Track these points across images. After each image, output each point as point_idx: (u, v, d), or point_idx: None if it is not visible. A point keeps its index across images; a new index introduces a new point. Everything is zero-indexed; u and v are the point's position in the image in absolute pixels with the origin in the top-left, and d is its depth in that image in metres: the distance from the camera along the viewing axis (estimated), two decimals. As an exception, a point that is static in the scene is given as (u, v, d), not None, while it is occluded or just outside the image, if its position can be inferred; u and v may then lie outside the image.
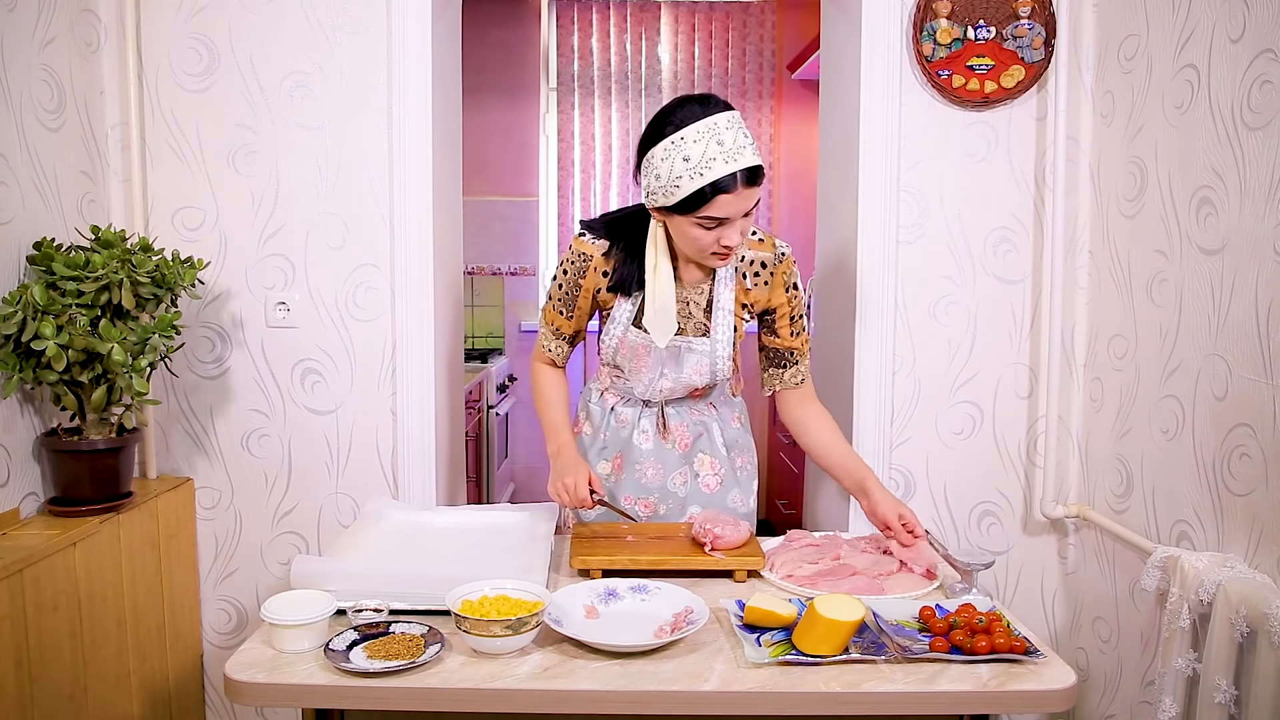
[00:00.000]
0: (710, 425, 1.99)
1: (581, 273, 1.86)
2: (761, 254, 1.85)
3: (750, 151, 1.64)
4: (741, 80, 4.63)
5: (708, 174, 1.61)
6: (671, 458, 1.96)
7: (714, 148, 1.61)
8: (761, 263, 1.84)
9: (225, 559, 2.44)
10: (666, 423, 1.97)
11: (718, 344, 1.85)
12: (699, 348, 1.86)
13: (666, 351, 1.86)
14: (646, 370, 1.90)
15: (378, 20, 2.30)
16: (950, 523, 2.43)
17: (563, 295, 1.89)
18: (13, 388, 1.90)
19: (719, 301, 1.83)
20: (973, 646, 1.36)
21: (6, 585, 1.69)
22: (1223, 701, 1.61)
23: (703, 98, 1.68)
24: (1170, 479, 1.96)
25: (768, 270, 1.85)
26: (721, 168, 1.61)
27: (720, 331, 1.84)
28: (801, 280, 1.90)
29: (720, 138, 1.62)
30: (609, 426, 2.00)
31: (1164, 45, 1.98)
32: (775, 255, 1.85)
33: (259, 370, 2.38)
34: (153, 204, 2.33)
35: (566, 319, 1.92)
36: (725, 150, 1.61)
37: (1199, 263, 1.86)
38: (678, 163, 1.63)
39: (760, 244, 1.85)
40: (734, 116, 1.66)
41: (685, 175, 1.62)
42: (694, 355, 1.87)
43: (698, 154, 1.61)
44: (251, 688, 1.31)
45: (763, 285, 1.85)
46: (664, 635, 1.40)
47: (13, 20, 1.95)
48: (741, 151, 1.63)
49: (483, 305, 4.70)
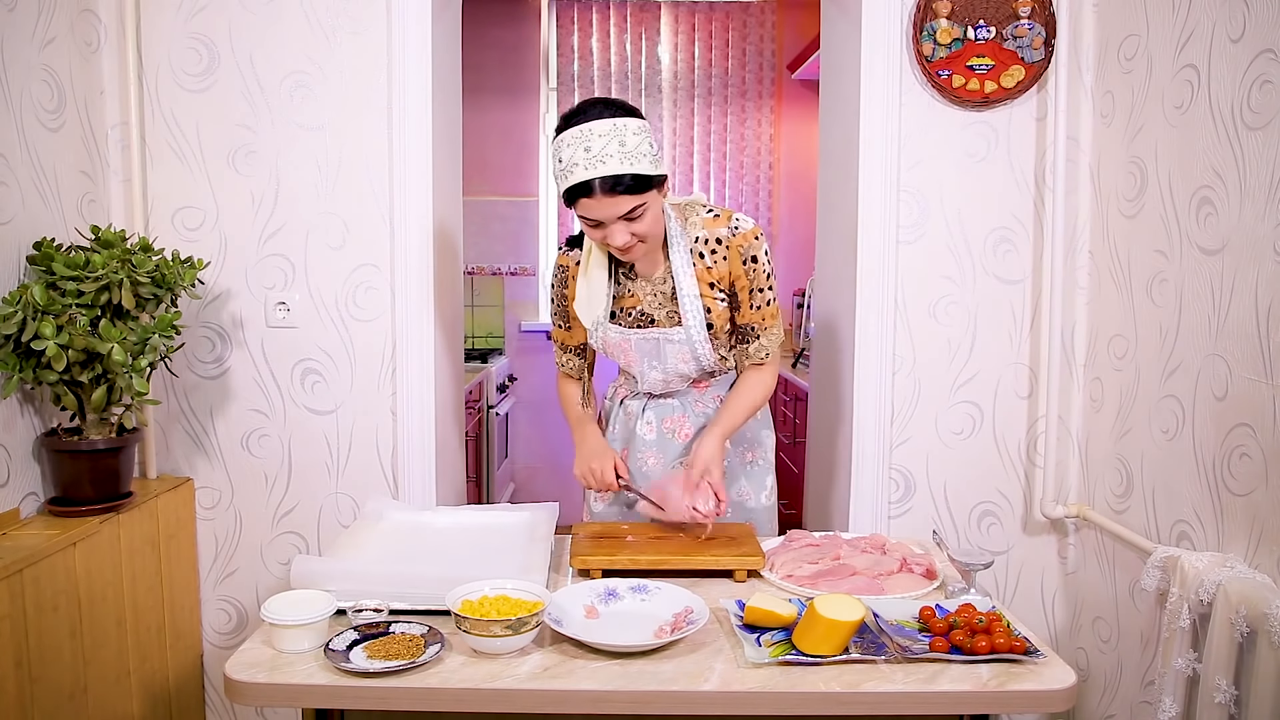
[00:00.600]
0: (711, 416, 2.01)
1: (564, 283, 1.98)
2: (716, 230, 1.87)
3: (618, 160, 1.67)
4: (741, 80, 4.63)
5: (569, 178, 1.70)
6: (673, 447, 2.00)
7: (580, 154, 1.68)
8: (717, 239, 1.86)
9: (225, 559, 2.44)
10: (669, 412, 2.01)
11: (691, 330, 1.88)
12: (676, 337, 1.90)
13: (646, 344, 1.92)
14: (635, 364, 1.96)
15: (378, 20, 2.30)
16: (950, 523, 2.43)
17: (556, 310, 2.02)
18: (13, 388, 1.90)
19: (681, 289, 1.86)
20: (973, 646, 1.36)
21: (6, 585, 1.69)
22: (1223, 701, 1.61)
23: (595, 102, 1.74)
24: (1170, 479, 1.96)
25: (724, 245, 1.86)
26: (580, 173, 1.68)
27: (690, 317, 1.87)
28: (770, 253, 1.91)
29: (589, 144, 1.68)
30: (618, 420, 2.07)
31: (1164, 45, 1.98)
32: (729, 229, 1.86)
33: (259, 370, 2.38)
34: (153, 204, 2.33)
35: (565, 330, 2.03)
36: (590, 156, 1.67)
37: (1199, 263, 1.86)
38: (555, 162, 1.74)
39: (715, 220, 1.87)
40: (615, 124, 1.69)
41: (558, 175, 1.73)
42: (673, 345, 1.91)
43: (567, 157, 1.70)
44: (251, 688, 1.31)
45: (721, 261, 1.87)
46: (664, 635, 1.40)
47: (13, 20, 1.95)
48: (606, 160, 1.67)
49: (483, 305, 4.69)
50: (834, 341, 2.58)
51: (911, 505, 2.42)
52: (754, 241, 1.86)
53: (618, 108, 1.72)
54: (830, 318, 2.64)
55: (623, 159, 1.67)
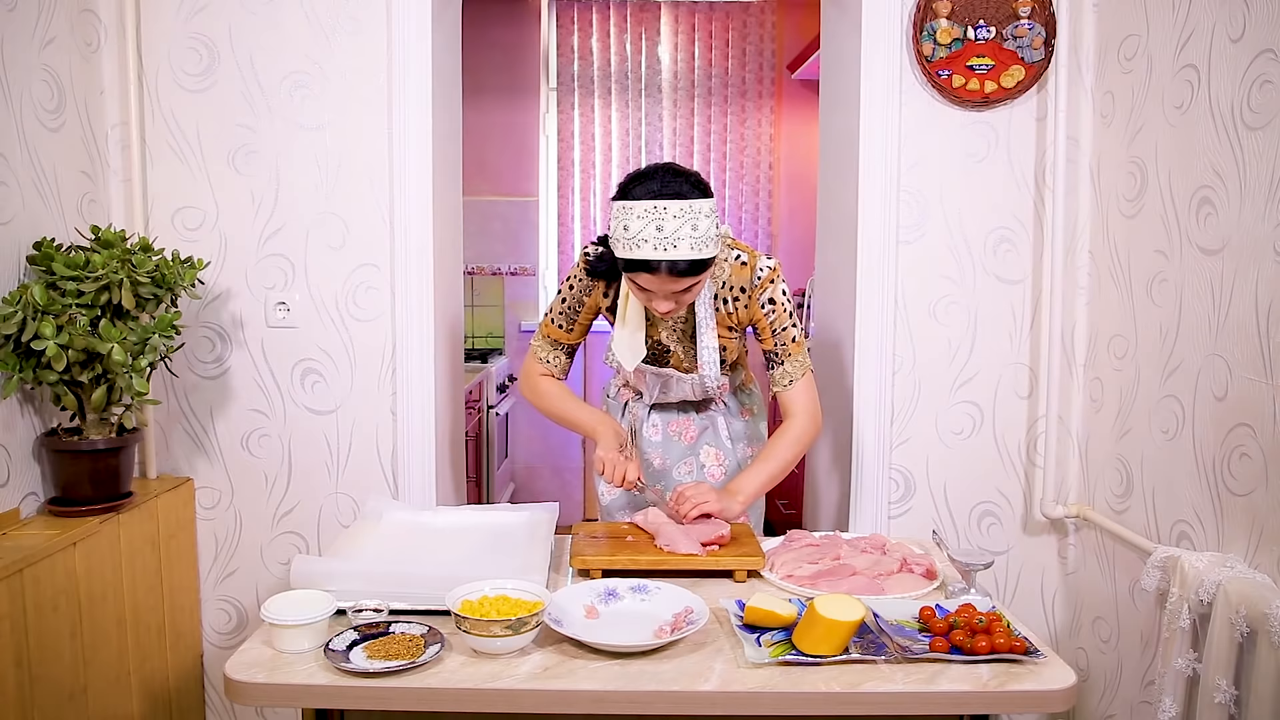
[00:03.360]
0: (717, 419, 2.09)
1: (588, 290, 1.98)
2: (741, 279, 1.90)
3: (689, 245, 1.67)
4: (741, 80, 4.63)
5: (636, 251, 1.70)
6: (678, 449, 2.07)
7: (651, 231, 1.67)
8: (740, 288, 1.91)
9: (225, 559, 2.44)
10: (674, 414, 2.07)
11: (707, 378, 1.95)
12: (688, 380, 1.98)
13: (658, 377, 1.99)
14: (645, 387, 2.04)
15: (378, 20, 2.30)
16: (950, 523, 2.43)
17: (565, 309, 1.99)
18: (13, 388, 1.90)
19: (701, 339, 1.91)
20: (973, 646, 1.36)
21: (6, 585, 1.69)
22: (1223, 701, 1.61)
23: (670, 173, 1.71)
24: (1170, 479, 1.96)
25: (745, 294, 1.91)
26: (649, 251, 1.68)
27: (707, 368, 1.92)
28: (789, 286, 1.95)
29: (661, 223, 1.67)
30: (623, 420, 2.11)
31: (1164, 45, 1.98)
32: (752, 280, 1.90)
33: (259, 370, 2.38)
34: (153, 204, 2.33)
35: (567, 332, 2.02)
36: (661, 237, 1.67)
37: (1199, 263, 1.86)
38: (619, 227, 1.72)
39: (742, 268, 1.90)
40: (690, 206, 1.68)
41: (622, 241, 1.72)
42: (684, 384, 1.99)
43: (636, 229, 1.69)
44: (251, 688, 1.31)
45: (742, 309, 1.92)
46: (664, 635, 1.40)
47: (13, 20, 1.95)
48: (678, 244, 1.67)
49: (483, 305, 4.69)
50: (834, 341, 2.58)
51: (911, 505, 2.42)
52: (770, 285, 1.90)
53: (693, 184, 1.71)
54: (830, 318, 2.64)
55: (694, 244, 1.68)
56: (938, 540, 1.74)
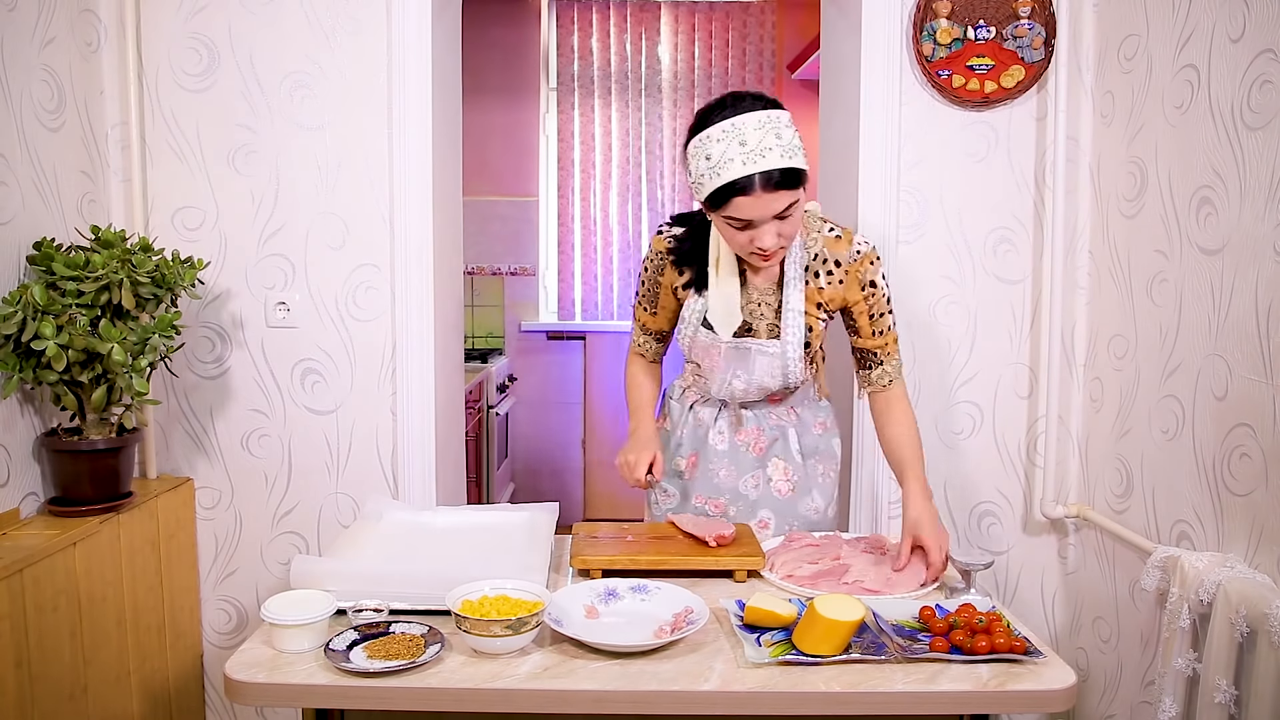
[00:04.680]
0: (788, 430, 1.95)
1: (660, 269, 1.90)
2: (836, 252, 1.80)
3: (779, 153, 1.59)
4: (741, 80, 4.63)
5: (724, 174, 1.60)
6: (746, 460, 1.94)
7: (735, 148, 1.59)
8: (836, 261, 1.80)
9: (225, 559, 2.44)
10: (742, 424, 1.94)
11: (788, 346, 1.81)
12: (770, 349, 1.82)
13: (737, 352, 1.84)
14: (719, 370, 1.88)
15: (378, 20, 2.30)
16: (950, 523, 2.43)
17: (645, 291, 1.95)
18: (13, 388, 1.90)
19: (788, 303, 1.79)
20: (973, 646, 1.36)
21: (6, 585, 1.69)
22: (1223, 701, 1.61)
23: (741, 95, 1.66)
24: (1170, 479, 1.96)
25: (841, 269, 1.80)
26: (738, 169, 1.59)
27: (790, 333, 1.80)
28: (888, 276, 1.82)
29: (745, 138, 1.59)
30: (687, 424, 1.99)
31: (1164, 45, 1.98)
32: (850, 253, 1.79)
33: (259, 370, 2.38)
34: (153, 204, 2.33)
35: (650, 315, 1.96)
36: (747, 151, 1.58)
37: (1199, 263, 1.86)
38: (701, 161, 1.63)
39: (836, 241, 1.80)
40: (769, 116, 1.61)
41: (706, 174, 1.63)
42: (764, 357, 1.83)
43: (718, 153, 1.60)
44: (251, 688, 1.31)
45: (836, 284, 1.80)
46: (664, 635, 1.40)
47: (13, 20, 1.95)
48: (766, 153, 1.58)
49: (483, 305, 4.69)
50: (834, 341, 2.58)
51: (911, 505, 2.42)
52: (871, 266, 1.80)
53: (763, 100, 1.64)
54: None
55: (782, 152, 1.59)
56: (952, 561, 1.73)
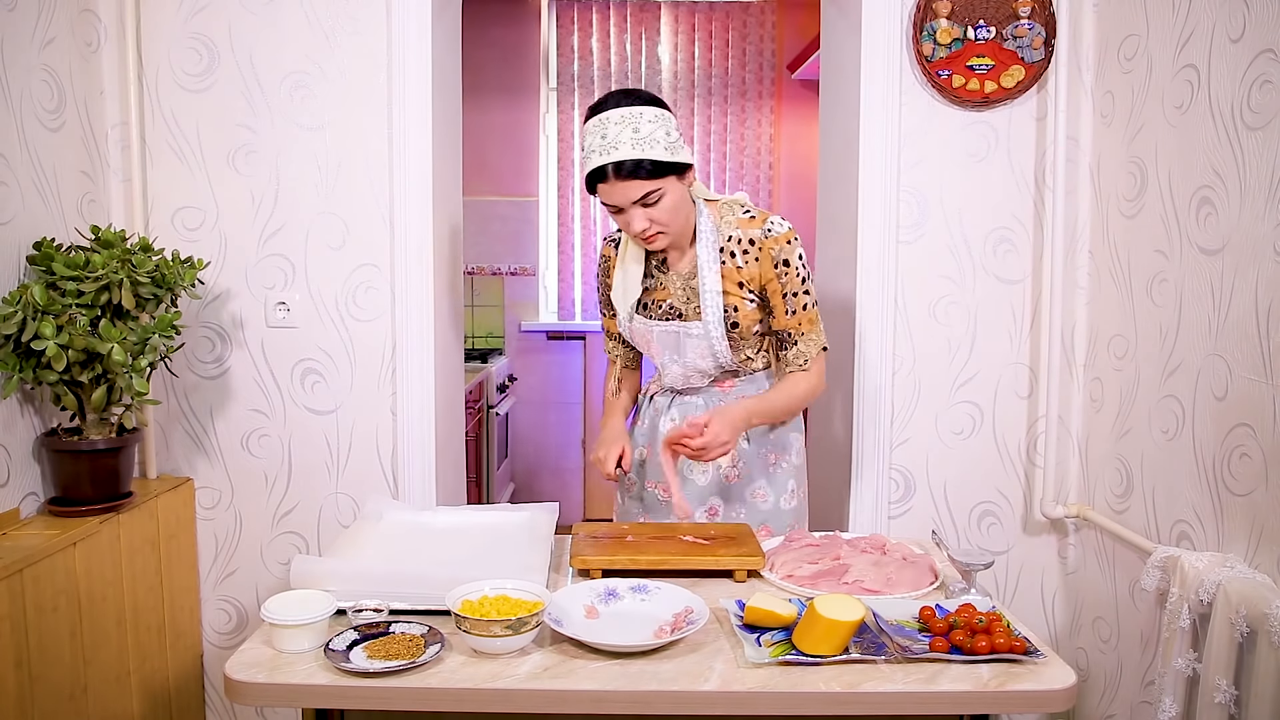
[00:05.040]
0: None
1: (606, 272, 2.04)
2: (750, 231, 1.88)
3: (630, 145, 1.72)
4: (741, 80, 4.63)
5: (588, 164, 1.77)
6: None
7: (597, 141, 1.75)
8: (750, 240, 1.87)
9: (225, 559, 2.44)
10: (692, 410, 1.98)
11: (709, 325, 1.88)
12: (694, 331, 1.90)
13: (667, 336, 1.94)
14: (657, 355, 1.99)
15: (378, 20, 2.30)
16: (950, 523, 2.43)
17: (601, 297, 2.07)
18: (13, 388, 1.90)
19: (704, 283, 1.87)
20: (973, 646, 1.36)
21: (6, 585, 1.69)
22: (1223, 701, 1.61)
23: (616, 93, 1.80)
24: (1170, 479, 1.96)
25: (755, 247, 1.87)
26: (596, 159, 1.75)
27: (710, 313, 1.87)
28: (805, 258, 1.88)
29: (605, 131, 1.74)
30: (647, 415, 2.08)
31: (1164, 45, 1.98)
32: (763, 230, 1.87)
33: (259, 370, 2.38)
34: (153, 204, 2.33)
35: (610, 318, 2.08)
36: (605, 143, 1.74)
37: (1199, 263, 1.86)
38: (578, 151, 1.78)
39: (750, 220, 1.89)
40: (632, 112, 1.75)
41: (581, 163, 1.80)
42: (692, 340, 1.92)
43: (587, 145, 1.78)
44: (251, 688, 1.31)
45: (753, 262, 1.88)
46: (664, 635, 1.40)
47: (13, 20, 1.95)
48: (620, 145, 1.72)
49: (483, 305, 4.69)
50: (834, 341, 2.58)
51: (911, 505, 2.42)
52: (786, 245, 1.85)
53: (635, 97, 1.77)
54: (830, 317, 2.64)
55: (635, 145, 1.72)
56: (938, 540, 1.73)
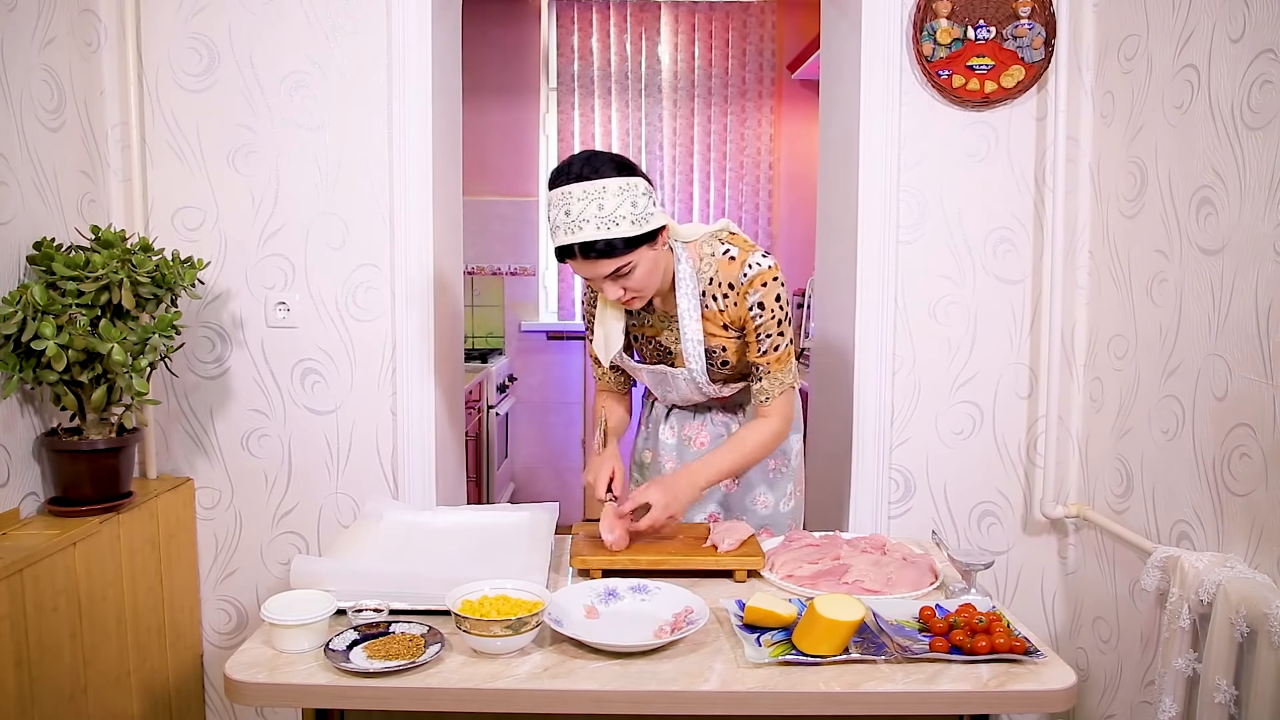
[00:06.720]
0: (733, 426, 2.02)
1: (592, 302, 1.99)
2: (729, 275, 1.82)
3: (594, 225, 1.64)
4: (741, 80, 4.63)
5: (554, 239, 1.71)
6: (691, 455, 2.01)
7: (561, 216, 1.67)
8: (730, 284, 1.83)
9: (225, 559, 2.44)
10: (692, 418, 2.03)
11: (694, 373, 1.88)
12: (682, 376, 1.91)
13: (655, 376, 1.96)
14: (650, 387, 2.01)
15: (378, 20, 2.30)
16: (950, 523, 2.43)
17: (588, 324, 2.03)
18: (13, 388, 1.90)
19: (684, 334, 1.85)
20: (973, 646, 1.36)
21: (6, 585, 1.69)
22: (1223, 701, 1.61)
23: (579, 159, 1.69)
24: (1170, 479, 1.96)
25: (735, 291, 1.82)
26: (561, 237, 1.68)
27: (693, 361, 1.87)
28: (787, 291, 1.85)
29: (569, 208, 1.66)
30: (649, 423, 2.11)
31: (1164, 45, 1.98)
32: (740, 275, 1.81)
33: (259, 370, 2.38)
34: (153, 204, 2.33)
35: None
36: (570, 221, 1.66)
37: (1199, 263, 1.86)
38: (547, 220, 1.74)
39: (730, 263, 1.83)
40: (595, 187, 1.64)
41: (550, 233, 1.72)
42: (679, 381, 1.93)
43: (551, 218, 1.71)
44: (251, 688, 1.31)
45: (732, 305, 1.84)
46: (664, 635, 1.40)
47: (13, 20, 1.95)
48: (584, 225, 1.64)
49: (483, 305, 4.69)
50: (834, 341, 2.58)
51: (911, 505, 2.42)
52: (763, 288, 1.80)
53: (598, 169, 1.66)
54: (830, 318, 2.64)
55: (600, 224, 1.64)
56: (938, 540, 1.74)
